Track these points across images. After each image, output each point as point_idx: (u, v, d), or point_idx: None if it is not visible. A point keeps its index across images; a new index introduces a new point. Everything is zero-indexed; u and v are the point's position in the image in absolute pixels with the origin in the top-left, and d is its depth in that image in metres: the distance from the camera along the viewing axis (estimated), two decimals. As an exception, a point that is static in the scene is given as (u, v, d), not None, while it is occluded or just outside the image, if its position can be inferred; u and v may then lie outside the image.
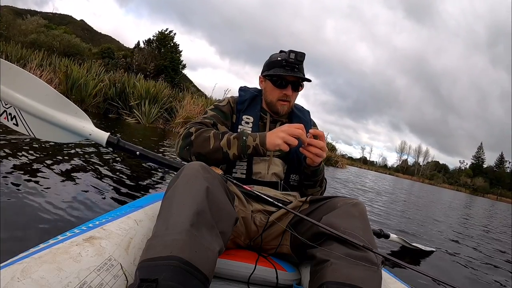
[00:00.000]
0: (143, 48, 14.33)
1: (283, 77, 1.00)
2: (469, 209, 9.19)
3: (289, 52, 0.96)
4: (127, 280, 0.59)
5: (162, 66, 13.23)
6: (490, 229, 4.80)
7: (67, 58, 8.85)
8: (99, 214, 1.20)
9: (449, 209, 7.24)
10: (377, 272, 0.64)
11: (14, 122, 1.33)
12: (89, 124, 1.42)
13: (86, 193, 1.63)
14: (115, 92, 7.83)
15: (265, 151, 0.87)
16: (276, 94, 1.02)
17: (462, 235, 3.51)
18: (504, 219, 7.74)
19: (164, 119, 8.12)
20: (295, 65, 0.97)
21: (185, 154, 0.93)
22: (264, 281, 0.83)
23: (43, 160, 2.02)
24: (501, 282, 1.94)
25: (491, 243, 3.37)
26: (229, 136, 0.89)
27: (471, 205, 11.88)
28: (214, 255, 0.58)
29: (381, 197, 6.13)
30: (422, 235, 2.86)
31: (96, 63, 9.34)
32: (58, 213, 1.30)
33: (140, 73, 9.71)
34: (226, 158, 0.90)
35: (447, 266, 2.04)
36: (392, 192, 8.54)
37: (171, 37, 15.01)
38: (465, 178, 58.54)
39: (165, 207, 0.63)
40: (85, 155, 2.58)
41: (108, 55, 14.41)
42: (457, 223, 4.71)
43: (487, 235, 4.01)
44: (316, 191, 1.07)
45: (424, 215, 4.70)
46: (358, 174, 14.71)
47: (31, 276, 0.46)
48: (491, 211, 10.41)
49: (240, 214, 0.89)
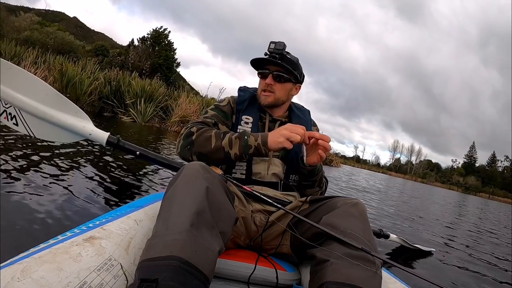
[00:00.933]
0: (137, 46, 14.18)
1: (265, 67, 1.02)
2: (464, 207, 9.18)
3: (270, 43, 0.99)
4: (127, 280, 0.59)
5: (157, 64, 13.10)
6: (488, 228, 4.81)
7: (62, 56, 8.71)
8: (99, 214, 1.20)
9: (446, 208, 7.25)
10: (377, 272, 0.64)
11: (14, 122, 1.33)
12: (89, 123, 1.42)
13: (86, 193, 1.63)
14: (110, 90, 7.71)
15: (267, 151, 0.87)
16: (261, 85, 1.05)
17: (460, 233, 3.51)
18: (499, 218, 7.75)
19: (159, 118, 8.04)
20: (275, 54, 0.99)
21: (186, 154, 0.93)
22: (264, 281, 0.83)
23: (42, 160, 2.02)
24: (501, 282, 1.94)
25: (489, 242, 3.37)
26: (231, 136, 0.89)
27: (466, 204, 11.89)
28: (214, 255, 0.58)
29: (373, 195, 6.13)
30: (416, 233, 2.86)
31: (91, 60, 9.21)
32: (58, 213, 1.30)
33: (135, 72, 9.55)
34: (228, 158, 0.89)
35: (446, 266, 2.04)
36: (385, 191, 8.51)
37: (165, 35, 14.88)
38: (457, 176, 59.32)
39: (165, 207, 0.63)
40: (85, 154, 2.57)
41: (102, 53, 14.27)
42: (453, 222, 4.71)
43: (486, 233, 4.01)
44: (315, 191, 1.06)
45: (421, 214, 4.70)
46: (351, 172, 14.73)
47: (31, 276, 0.46)
48: (485, 210, 10.42)
49: (240, 214, 0.89)
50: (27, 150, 2.15)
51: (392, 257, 1.94)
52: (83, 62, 8.39)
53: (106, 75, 8.11)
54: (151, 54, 13.35)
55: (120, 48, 16.04)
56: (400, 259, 1.93)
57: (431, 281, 0.63)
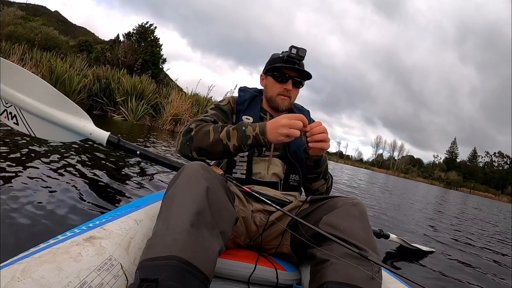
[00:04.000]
0: (123, 42, 13.83)
1: (284, 71, 1.00)
2: (449, 204, 9.10)
3: (291, 47, 0.97)
4: (127, 280, 0.59)
5: (143, 60, 12.83)
6: (487, 227, 4.80)
7: (48, 52, 8.30)
8: (99, 214, 1.20)
9: (433, 205, 7.25)
10: (378, 272, 0.64)
11: (15, 121, 1.33)
12: (90, 123, 1.42)
13: (86, 193, 1.63)
14: (99, 88, 7.44)
15: (266, 141, 0.84)
16: (277, 88, 1.03)
17: (458, 232, 3.51)
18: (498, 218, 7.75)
19: (150, 116, 7.85)
20: (296, 60, 0.98)
21: (186, 150, 0.93)
22: (264, 281, 0.83)
23: (42, 160, 2.02)
24: (500, 281, 1.94)
25: (487, 241, 3.37)
26: (229, 128, 0.89)
27: (450, 200, 11.84)
28: (214, 255, 0.58)
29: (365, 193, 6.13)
30: (406, 231, 2.86)
31: (80, 57, 8.92)
32: (57, 213, 1.30)
33: (124, 68, 9.32)
34: (227, 150, 0.88)
35: (446, 266, 2.04)
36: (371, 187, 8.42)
37: (151, 31, 14.55)
38: (439, 172, 60.08)
39: (165, 207, 0.63)
40: (85, 154, 2.58)
41: (86, 48, 13.84)
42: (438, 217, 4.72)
43: (484, 232, 4.01)
44: (321, 185, 1.05)
45: (409, 211, 4.70)
46: (334, 168, 14.64)
47: (31, 276, 0.46)
48: (478, 207, 10.42)
49: (240, 214, 0.89)
50: (27, 150, 2.16)
51: (392, 257, 1.94)
52: (71, 59, 8.09)
53: (95, 72, 7.86)
54: (137, 50, 13.04)
55: (103, 43, 15.49)
56: (400, 259, 1.93)
57: (419, 283, 0.63)
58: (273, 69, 1.02)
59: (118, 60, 11.45)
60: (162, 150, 4.01)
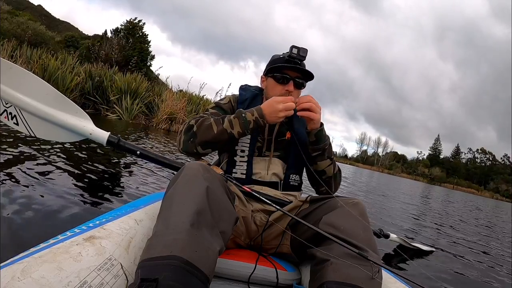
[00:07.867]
0: (111, 38, 13.39)
1: (285, 72, 0.99)
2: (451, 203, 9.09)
3: (292, 47, 0.96)
4: (127, 279, 0.59)
5: (132, 57, 12.62)
6: (481, 224, 4.80)
7: (36, 48, 7.98)
8: (99, 213, 1.19)
9: (432, 205, 7.25)
10: (378, 272, 0.64)
11: (15, 122, 1.33)
12: (90, 123, 1.42)
13: (86, 193, 1.63)
14: (91, 86, 7.28)
15: (265, 122, 0.90)
16: (278, 90, 1.00)
17: (458, 232, 3.51)
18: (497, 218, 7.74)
19: (143, 114, 7.71)
20: (298, 60, 0.97)
21: (190, 147, 0.93)
22: (265, 281, 0.83)
23: (42, 160, 2.02)
24: (502, 281, 1.94)
25: (487, 241, 3.37)
26: (229, 117, 0.92)
27: (437, 196, 11.84)
28: (214, 255, 0.58)
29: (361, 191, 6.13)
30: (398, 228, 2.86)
31: (72, 54, 8.60)
32: (58, 213, 1.30)
33: (116, 66, 9.15)
34: (232, 138, 0.91)
35: (446, 265, 2.04)
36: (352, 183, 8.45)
37: (140, 27, 14.22)
38: (423, 168, 60.81)
39: (165, 206, 0.64)
40: (85, 154, 2.58)
41: (73, 44, 13.57)
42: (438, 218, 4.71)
43: (483, 230, 4.01)
44: (327, 165, 0.99)
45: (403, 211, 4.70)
46: None
47: (32, 276, 0.46)
48: (483, 209, 10.42)
49: (240, 214, 0.89)
50: (27, 150, 2.16)
51: (392, 257, 1.94)
52: (62, 56, 7.82)
53: (87, 69, 7.67)
54: (125, 46, 12.74)
55: (88, 38, 15.05)
56: (400, 259, 1.93)
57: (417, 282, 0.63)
58: (274, 69, 1.01)
59: (111, 58, 11.25)
60: (166, 150, 4.01)
